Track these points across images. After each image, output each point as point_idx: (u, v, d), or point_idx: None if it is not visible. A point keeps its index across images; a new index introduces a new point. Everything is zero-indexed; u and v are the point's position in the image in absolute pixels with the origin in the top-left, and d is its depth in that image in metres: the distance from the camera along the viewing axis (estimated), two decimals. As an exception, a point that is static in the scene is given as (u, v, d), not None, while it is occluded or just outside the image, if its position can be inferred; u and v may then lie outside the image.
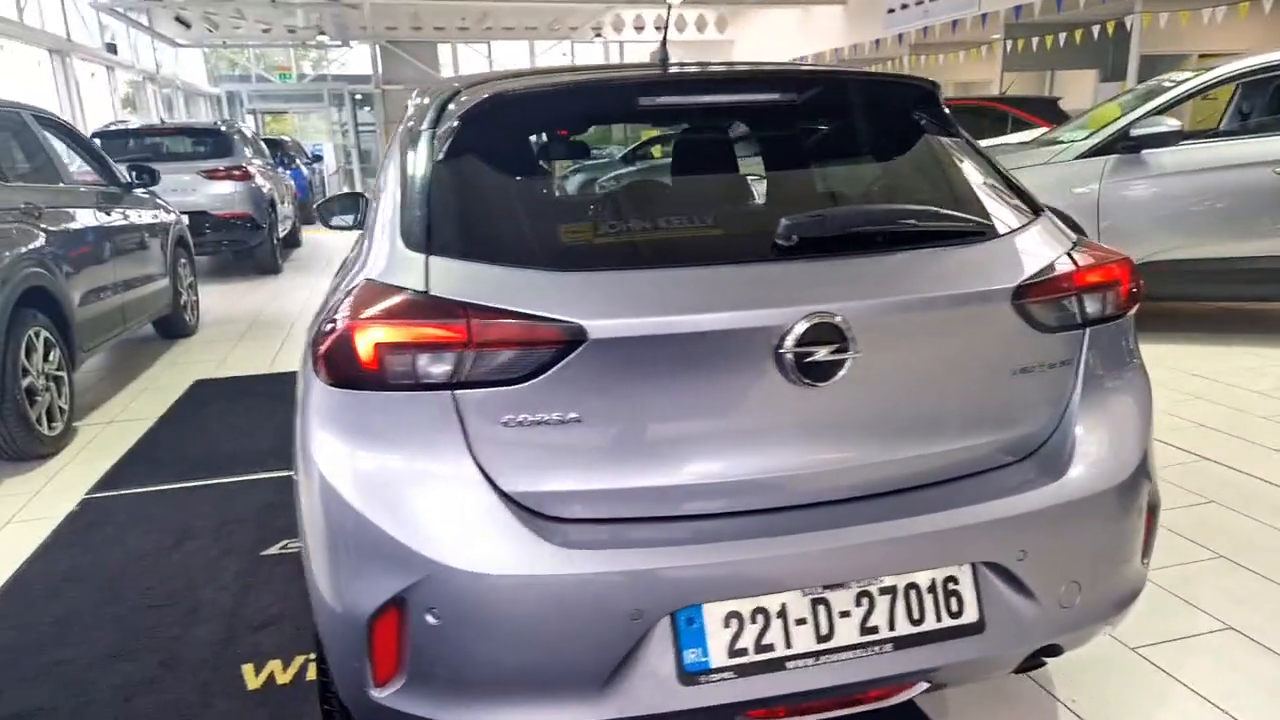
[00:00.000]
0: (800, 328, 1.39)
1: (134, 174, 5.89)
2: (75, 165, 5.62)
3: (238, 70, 23.75)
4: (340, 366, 1.38)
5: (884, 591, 1.46)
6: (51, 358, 4.18)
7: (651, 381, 1.40)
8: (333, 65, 23.76)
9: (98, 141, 7.18)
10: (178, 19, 17.21)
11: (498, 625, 1.33)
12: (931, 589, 1.48)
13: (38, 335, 4.06)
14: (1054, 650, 1.59)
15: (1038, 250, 1.65)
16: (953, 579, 1.50)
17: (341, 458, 1.40)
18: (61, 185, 4.90)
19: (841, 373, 1.42)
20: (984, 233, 1.64)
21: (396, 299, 1.41)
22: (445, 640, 1.34)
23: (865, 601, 1.45)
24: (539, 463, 1.39)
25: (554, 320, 1.36)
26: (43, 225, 4.33)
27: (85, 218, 4.93)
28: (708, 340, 1.39)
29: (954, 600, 1.49)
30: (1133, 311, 1.78)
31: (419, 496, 1.36)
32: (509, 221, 1.59)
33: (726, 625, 1.39)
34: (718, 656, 1.39)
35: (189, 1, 15.94)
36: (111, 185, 5.64)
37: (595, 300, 1.40)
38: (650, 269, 1.49)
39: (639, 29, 18.50)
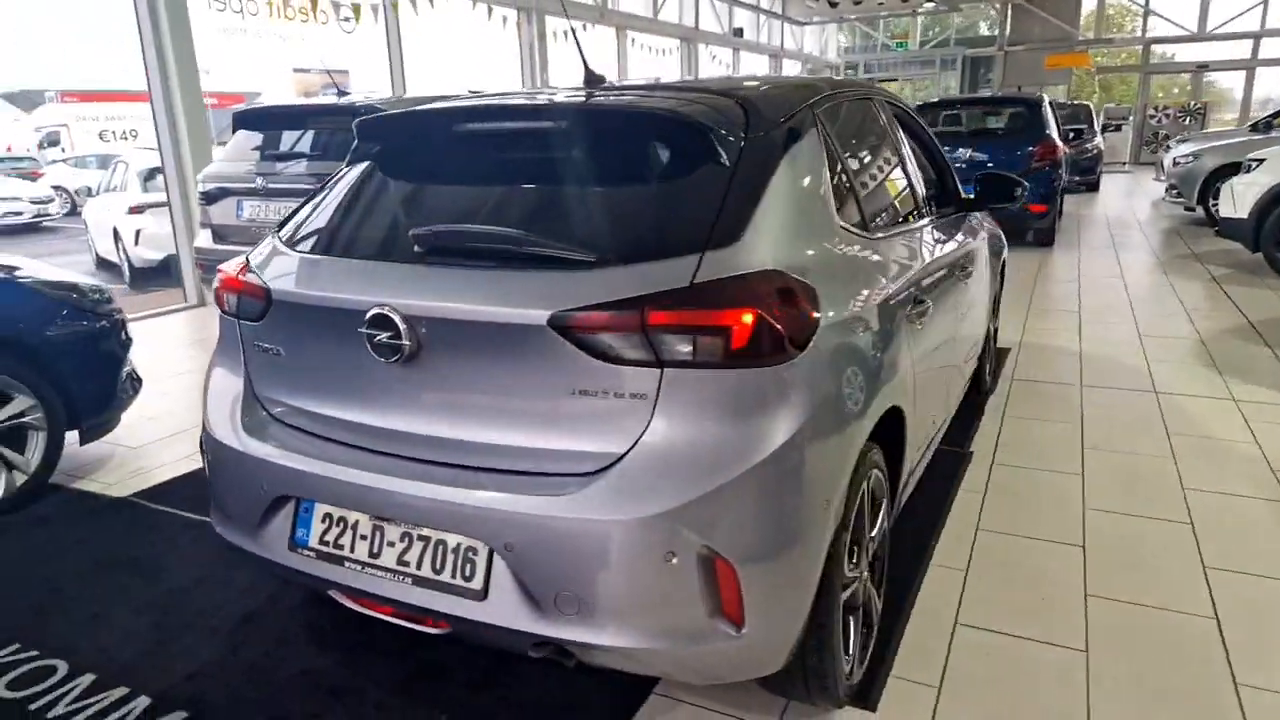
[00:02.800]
0: (371, 314, 1.82)
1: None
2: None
3: (861, 40, 25.41)
4: (218, 302, 2.29)
5: (421, 538, 1.82)
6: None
7: (307, 333, 1.99)
8: (949, 30, 23.74)
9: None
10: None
11: (224, 469, 2.11)
12: (455, 551, 1.78)
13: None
14: (566, 650, 1.71)
15: (633, 284, 1.66)
16: (473, 549, 1.76)
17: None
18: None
19: (404, 356, 1.80)
20: (592, 262, 1.72)
21: (233, 264, 2.24)
22: (211, 472, 2.18)
23: (407, 540, 1.83)
24: (265, 375, 2.11)
25: (262, 283, 2.05)
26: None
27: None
28: (329, 313, 1.91)
29: (469, 567, 1.76)
30: (779, 365, 1.64)
31: (225, 388, 2.21)
32: (322, 218, 2.25)
33: (323, 521, 1.94)
34: (313, 539, 1.95)
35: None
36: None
37: (285, 272, 2.03)
38: (330, 255, 2.02)
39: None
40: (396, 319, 1.80)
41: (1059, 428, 3.94)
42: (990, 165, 8.74)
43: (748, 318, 1.63)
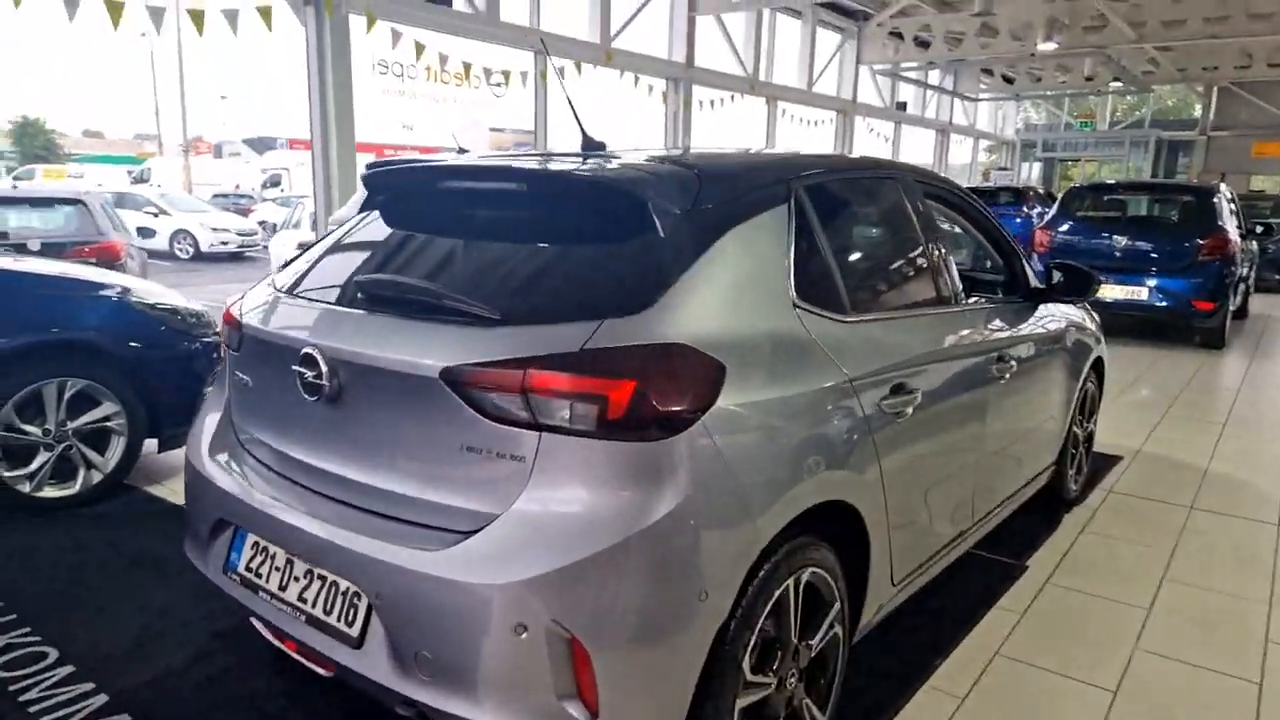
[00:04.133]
0: (303, 352, 1.89)
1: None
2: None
3: (1046, 117, 24.26)
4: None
5: (319, 577, 1.84)
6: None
7: (263, 366, 2.09)
8: (1144, 111, 22.21)
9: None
10: (983, 70, 18.83)
11: (190, 488, 2.23)
12: (344, 595, 1.79)
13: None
14: (423, 710, 1.66)
15: (526, 344, 1.64)
16: (357, 595, 1.77)
17: None
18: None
19: (325, 395, 1.86)
20: (495, 320, 1.71)
21: (233, 298, 2.39)
22: (184, 489, 2.30)
23: (309, 578, 1.86)
24: (239, 403, 2.22)
25: (239, 317, 2.18)
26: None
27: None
28: (277, 349, 2.00)
29: (352, 612, 1.76)
30: (658, 441, 1.56)
31: (211, 412, 2.36)
32: (305, 262, 2.35)
33: (251, 549, 2.01)
34: (241, 565, 2.02)
35: (992, 60, 17.34)
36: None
37: (257, 308, 2.15)
38: (294, 296, 2.11)
39: None
40: (320, 359, 1.86)
41: (1142, 551, 3.48)
42: (1153, 255, 8.03)
43: (626, 389, 1.57)
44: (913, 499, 2.33)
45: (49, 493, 3.50)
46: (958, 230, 3.24)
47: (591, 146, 2.43)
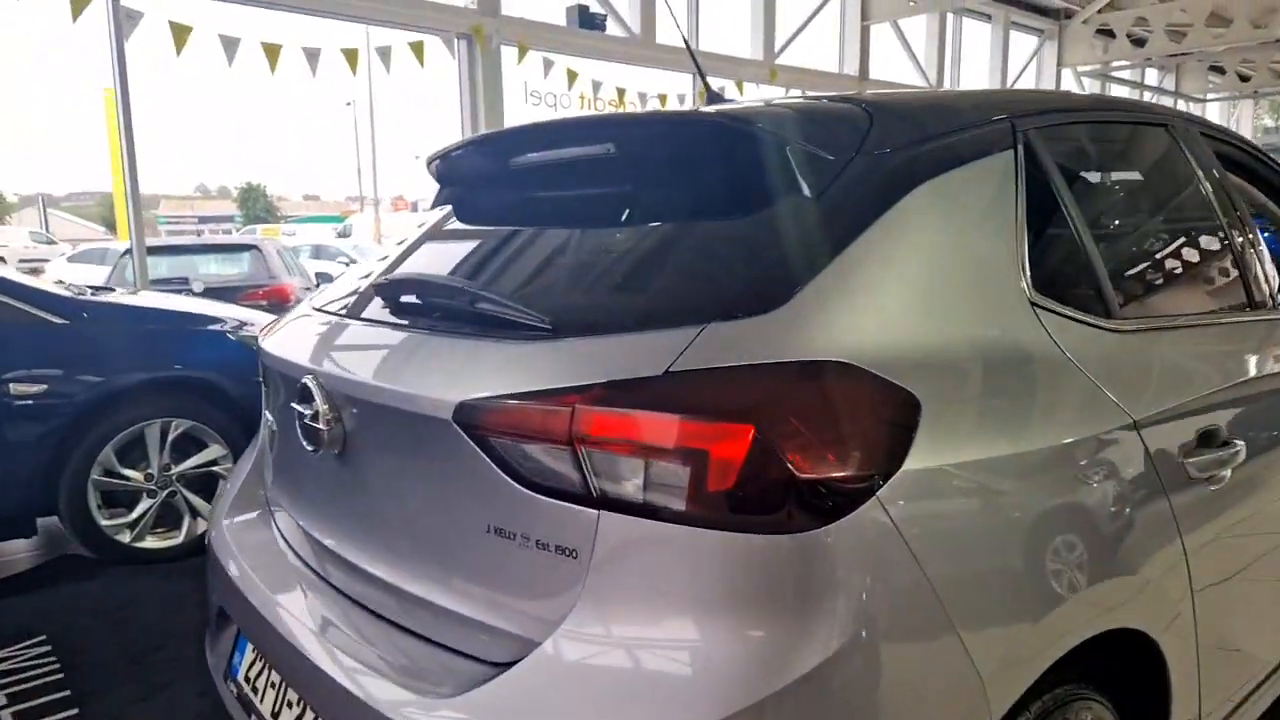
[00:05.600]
0: (301, 383, 1.35)
1: None
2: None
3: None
4: None
5: (314, 708, 1.28)
6: None
7: (277, 404, 1.58)
8: None
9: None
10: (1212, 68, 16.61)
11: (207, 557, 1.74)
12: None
13: None
14: None
15: (583, 365, 1.01)
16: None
17: None
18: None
19: (324, 444, 1.30)
20: (548, 330, 1.08)
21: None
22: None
23: (301, 707, 1.30)
24: (268, 454, 1.71)
25: (257, 341, 1.69)
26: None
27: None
28: (283, 379, 1.48)
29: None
30: (803, 532, 0.87)
31: (244, 463, 1.88)
32: (362, 275, 1.83)
33: (252, 652, 1.49)
34: (241, 672, 1.50)
35: (1225, 53, 15.24)
36: None
37: (281, 332, 1.63)
38: (320, 313, 1.56)
39: None
40: (315, 393, 1.31)
41: None
42: None
43: (740, 437, 0.89)
44: (1236, 615, 1.47)
45: (151, 543, 3.22)
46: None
47: (715, 99, 1.80)
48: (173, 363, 3.27)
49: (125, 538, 3.16)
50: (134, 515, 3.17)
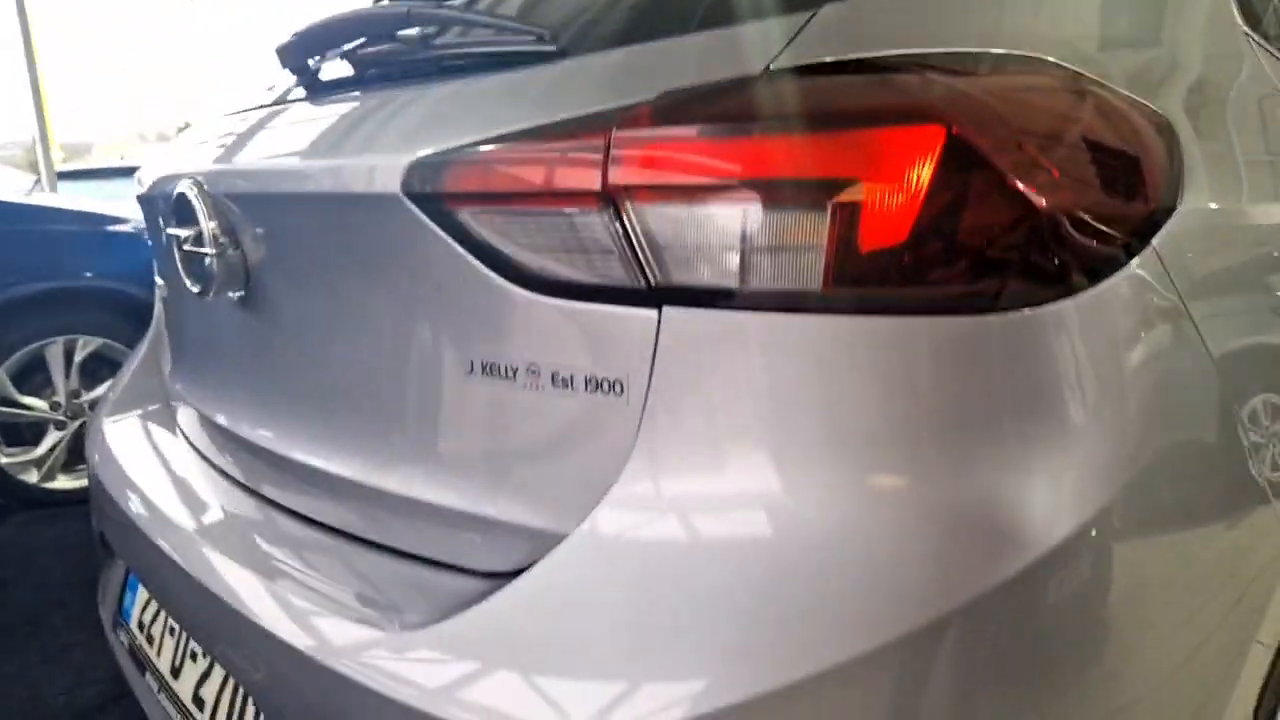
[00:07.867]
0: (179, 191, 0.92)
1: None
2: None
3: None
4: None
5: (222, 662, 0.88)
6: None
7: (162, 246, 1.16)
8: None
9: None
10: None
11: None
12: (248, 691, 0.82)
13: None
14: None
15: (631, 79, 0.60)
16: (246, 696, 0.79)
17: None
18: None
19: (213, 283, 0.88)
20: (551, 51, 0.67)
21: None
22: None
23: (207, 661, 0.91)
24: (164, 329, 1.31)
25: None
26: None
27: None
28: (159, 206, 1.05)
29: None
30: (1045, 304, 0.48)
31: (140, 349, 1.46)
32: None
33: (146, 597, 1.08)
34: (133, 620, 1.09)
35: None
36: None
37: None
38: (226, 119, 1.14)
39: None
40: (196, 201, 0.88)
41: None
42: None
43: (922, 151, 0.49)
44: None
45: (63, 483, 2.76)
46: None
47: None
48: (80, 270, 2.77)
49: (32, 477, 2.69)
50: (40, 451, 2.70)
